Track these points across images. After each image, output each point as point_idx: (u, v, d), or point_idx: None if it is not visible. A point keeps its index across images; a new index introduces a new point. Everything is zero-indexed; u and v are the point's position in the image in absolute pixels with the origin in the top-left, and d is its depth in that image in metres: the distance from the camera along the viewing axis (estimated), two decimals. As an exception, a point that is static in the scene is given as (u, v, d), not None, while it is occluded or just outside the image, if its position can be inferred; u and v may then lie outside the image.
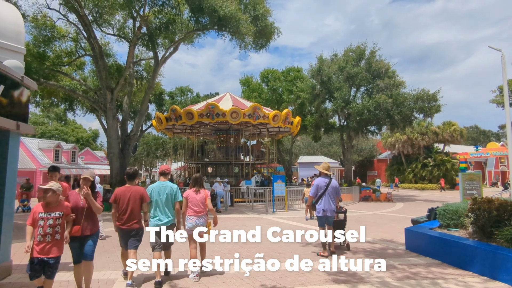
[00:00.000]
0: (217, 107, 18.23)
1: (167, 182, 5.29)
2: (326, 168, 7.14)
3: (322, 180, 6.87)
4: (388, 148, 45.58)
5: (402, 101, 20.94)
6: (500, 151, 41.30)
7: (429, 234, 6.03)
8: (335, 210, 6.79)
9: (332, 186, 6.76)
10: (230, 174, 21.00)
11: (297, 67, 28.50)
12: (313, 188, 6.85)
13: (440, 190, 35.50)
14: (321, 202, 6.65)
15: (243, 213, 14.27)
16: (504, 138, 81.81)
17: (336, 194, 6.88)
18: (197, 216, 5.24)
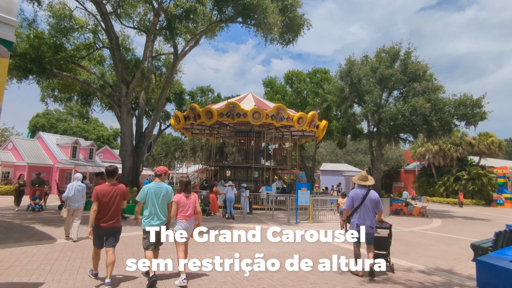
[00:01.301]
0: (238, 107, 17.00)
1: (163, 184, 5.28)
2: (363, 178, 6.23)
3: (358, 192, 6.03)
4: (417, 158, 42.84)
5: (441, 106, 18.93)
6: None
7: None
8: (373, 226, 5.83)
9: (370, 199, 5.90)
10: (250, 178, 19.67)
11: (324, 68, 26.93)
12: (348, 200, 6.07)
13: (459, 205, 32.66)
14: (356, 216, 5.88)
15: (263, 222, 12.84)
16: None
17: (376, 208, 5.97)
18: (187, 220, 5.26)
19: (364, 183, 6.26)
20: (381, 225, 6.32)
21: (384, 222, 6.44)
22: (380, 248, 6.34)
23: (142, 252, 5.25)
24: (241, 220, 13.11)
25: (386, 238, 6.42)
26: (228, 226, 11.16)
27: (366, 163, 46.56)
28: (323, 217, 14.90)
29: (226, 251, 7.27)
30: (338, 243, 8.73)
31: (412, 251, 8.15)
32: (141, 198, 5.12)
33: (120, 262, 5.85)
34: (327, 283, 5.01)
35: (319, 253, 7.30)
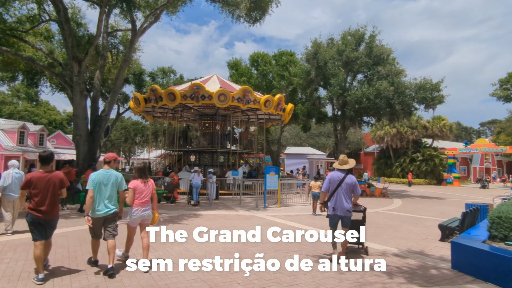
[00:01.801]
0: (202, 88, 16.17)
1: (111, 171, 5.05)
2: (341, 162, 6.06)
3: (336, 174, 5.89)
4: (376, 141, 44.58)
5: (403, 90, 19.43)
6: (489, 147, 41.09)
7: (498, 254, 4.37)
8: (349, 210, 5.71)
9: (346, 182, 5.76)
10: (215, 163, 19.09)
11: (290, 51, 26.56)
12: (325, 183, 5.97)
13: (408, 185, 34.75)
14: (333, 200, 5.74)
15: (231, 208, 12.43)
16: (483, 135, 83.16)
17: (353, 192, 5.84)
18: (143, 207, 5.09)
19: (342, 167, 6.09)
20: (356, 208, 6.25)
21: (358, 205, 6.34)
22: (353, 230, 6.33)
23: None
24: (207, 207, 12.60)
25: (360, 221, 6.34)
26: (194, 214, 10.62)
27: (328, 146, 47.68)
28: (290, 201, 14.84)
29: (196, 245, 6.75)
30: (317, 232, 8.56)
31: (382, 233, 8.19)
32: (92, 185, 4.79)
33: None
34: (305, 274, 4.71)
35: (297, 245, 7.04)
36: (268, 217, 10.30)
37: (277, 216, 10.69)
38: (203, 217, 10.07)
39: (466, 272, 4.81)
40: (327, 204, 5.91)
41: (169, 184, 13.68)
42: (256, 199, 13.33)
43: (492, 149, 41.11)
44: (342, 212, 5.66)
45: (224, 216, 10.26)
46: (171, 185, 13.75)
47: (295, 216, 10.86)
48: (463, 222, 7.06)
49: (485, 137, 75.71)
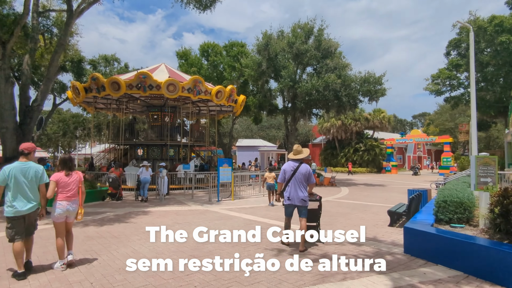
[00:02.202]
0: (150, 78, 15.22)
1: (30, 163, 4.61)
2: (295, 152, 6.15)
3: (289, 165, 5.97)
4: (323, 133, 46.44)
5: (349, 82, 20.25)
6: (422, 137, 44.92)
7: (447, 237, 4.60)
8: (305, 199, 5.76)
9: (300, 172, 5.81)
10: (165, 157, 18.22)
11: (241, 42, 26.20)
12: (280, 174, 6.00)
13: (348, 173, 37.00)
14: (288, 190, 5.82)
15: (183, 203, 11.90)
16: (415, 126, 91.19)
17: (308, 181, 5.90)
18: (69, 201, 4.75)
19: (295, 157, 6.12)
20: (311, 197, 6.28)
21: (314, 195, 6.38)
22: (310, 220, 6.38)
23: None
24: (157, 203, 11.92)
25: (316, 210, 6.38)
26: (143, 211, 9.94)
27: (279, 138, 48.53)
28: (243, 193, 14.71)
29: (146, 245, 6.25)
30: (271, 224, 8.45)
31: (335, 221, 8.37)
32: (1, 181, 4.32)
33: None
34: (266, 271, 4.53)
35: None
36: (222, 211, 10.01)
37: (231, 209, 10.44)
38: (153, 214, 9.46)
39: (418, 256, 5.02)
40: (283, 194, 5.95)
41: (114, 180, 12.69)
42: (209, 192, 12.95)
43: (424, 139, 45.01)
44: (297, 201, 5.70)
45: (175, 212, 9.74)
46: (117, 181, 12.78)
47: (250, 208, 10.72)
48: (409, 207, 7.47)
49: (417, 128, 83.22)
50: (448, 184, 9.59)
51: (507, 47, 21.51)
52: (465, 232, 5.09)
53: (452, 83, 27.22)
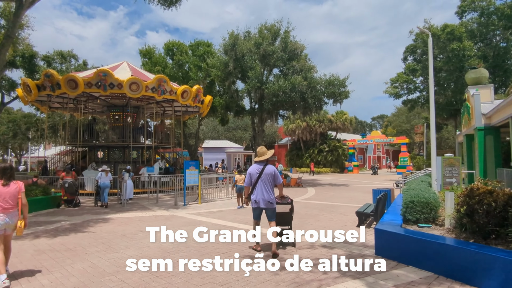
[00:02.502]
0: (111, 76, 14.42)
1: None
2: (259, 154, 5.99)
3: (255, 167, 5.81)
4: (289, 134, 47.08)
5: (315, 85, 20.60)
6: (381, 138, 47.05)
7: (416, 238, 4.67)
8: (271, 201, 5.63)
9: (266, 173, 5.68)
10: (127, 159, 17.37)
11: (207, 41, 25.73)
12: (246, 177, 5.89)
13: (310, 174, 37.96)
14: (254, 192, 5.66)
15: (147, 208, 11.33)
16: (374, 128, 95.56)
17: (275, 182, 5.78)
18: (5, 214, 4.36)
19: (259, 159, 5.92)
20: (283, 200, 6.17)
21: (285, 198, 6.25)
22: (283, 223, 6.32)
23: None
24: (119, 209, 11.25)
25: (288, 213, 6.28)
26: (103, 219, 9.29)
27: (245, 139, 48.46)
28: (211, 196, 14.36)
29: (106, 258, 5.78)
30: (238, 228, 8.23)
31: (305, 223, 8.34)
32: None
33: None
34: (238, 281, 4.33)
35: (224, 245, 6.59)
36: (189, 216, 9.63)
37: (199, 213, 10.09)
38: (114, 221, 8.86)
39: (389, 257, 5.06)
40: (250, 198, 5.79)
41: (70, 185, 11.80)
42: (175, 196, 12.48)
43: (383, 140, 47.19)
44: (264, 204, 5.56)
45: (139, 219, 9.21)
46: (73, 186, 11.89)
47: (218, 212, 10.43)
48: (377, 208, 7.61)
49: (376, 130, 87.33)
50: (409, 184, 9.97)
51: (458, 54, 23.04)
52: (432, 232, 5.22)
53: (409, 86, 28.67)
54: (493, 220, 4.24)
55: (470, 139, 14.32)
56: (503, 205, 4.16)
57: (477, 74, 13.62)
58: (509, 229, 4.09)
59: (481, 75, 13.56)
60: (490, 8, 24.73)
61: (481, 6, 25.17)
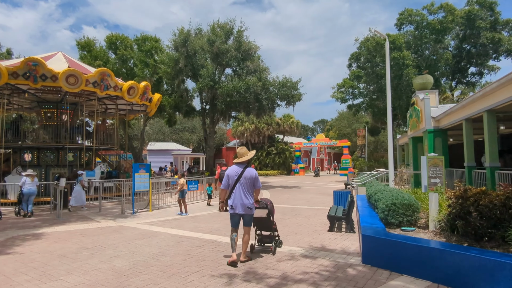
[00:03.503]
0: (43, 66, 12.47)
1: None
2: (239, 155, 5.55)
3: (234, 169, 5.42)
4: (237, 136, 46.65)
5: (269, 86, 20.36)
6: (325, 141, 48.94)
7: (410, 244, 4.34)
8: (250, 207, 5.23)
9: (245, 176, 5.28)
10: (62, 162, 15.27)
11: (155, 36, 24.08)
12: (224, 179, 5.41)
13: None
14: (232, 197, 5.28)
15: (89, 219, 9.81)
16: (316, 132, 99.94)
17: (254, 186, 5.39)
18: None
19: (239, 160, 5.49)
20: (259, 205, 5.68)
21: (260, 202, 5.74)
22: (264, 229, 6.00)
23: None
24: (54, 221, 9.56)
25: (265, 218, 5.83)
26: (33, 234, 7.68)
27: (193, 142, 46.81)
28: (161, 202, 13.10)
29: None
30: (203, 237, 7.37)
31: (273, 230, 7.76)
32: None
33: None
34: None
35: (184, 255, 5.73)
36: (142, 226, 8.46)
37: (152, 223, 8.96)
38: (48, 237, 7.34)
39: (379, 266, 4.70)
40: (227, 202, 5.37)
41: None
42: (122, 203, 11.06)
43: (327, 143, 49.10)
44: (242, 209, 5.17)
45: (81, 232, 7.79)
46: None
47: (174, 220, 9.39)
48: (348, 210, 7.35)
49: (318, 133, 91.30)
50: (369, 185, 10.00)
51: (398, 62, 24.66)
52: (418, 235, 5.00)
53: (354, 92, 30.05)
54: (488, 222, 4.09)
55: (417, 141, 15.17)
56: (501, 205, 4.02)
57: (424, 80, 14.49)
58: (510, 231, 3.94)
59: (427, 81, 14.45)
60: (423, 22, 26.96)
61: (416, 20, 27.33)
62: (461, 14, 26.22)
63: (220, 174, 12.64)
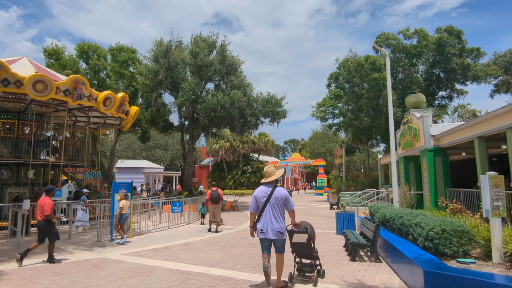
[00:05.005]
0: (5, 69, 10.86)
1: None
2: (266, 175, 5.01)
3: (262, 190, 4.87)
4: (211, 154, 45.29)
5: (253, 102, 19.62)
6: (301, 160, 48.79)
7: (496, 283, 3.52)
8: (282, 231, 4.65)
9: (275, 197, 4.73)
10: (22, 180, 13.30)
11: (132, 47, 22.70)
12: (251, 201, 4.93)
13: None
14: (261, 220, 4.74)
15: (58, 249, 8.14)
16: (286, 151, 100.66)
17: (286, 207, 4.80)
18: None
19: (267, 180, 4.94)
20: (298, 228, 5.05)
21: (299, 225, 5.09)
22: (302, 255, 5.33)
23: None
24: (12, 253, 7.83)
25: (306, 244, 5.11)
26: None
27: (165, 160, 44.65)
28: (139, 225, 11.49)
29: None
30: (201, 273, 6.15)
31: (290, 257, 6.71)
32: None
33: None
34: None
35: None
36: (128, 258, 7.02)
37: (139, 253, 7.54)
38: (10, 278, 5.67)
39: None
40: (256, 227, 4.81)
41: None
42: (98, 229, 9.46)
43: (303, 162, 48.94)
44: (272, 234, 4.61)
45: (52, 269, 6.22)
46: None
47: (165, 249, 8.01)
48: (374, 237, 6.49)
49: (288, 153, 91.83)
50: (379, 207, 9.28)
51: (378, 83, 25.06)
52: (483, 269, 4.22)
53: (333, 111, 30.15)
54: None
55: (409, 160, 14.92)
56: None
57: (417, 98, 14.42)
58: None
59: (420, 99, 14.39)
60: (399, 46, 27.88)
61: (393, 43, 28.22)
62: (433, 40, 27.41)
63: (211, 195, 11.46)
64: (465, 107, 31.11)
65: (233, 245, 8.49)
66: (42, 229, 6.87)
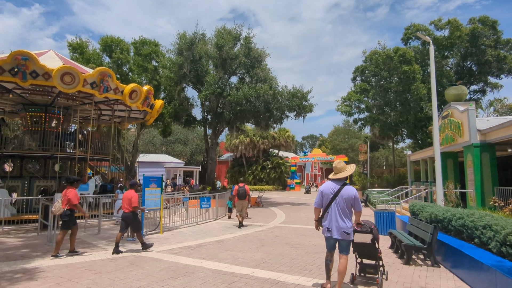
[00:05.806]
0: (34, 61, 10.74)
1: None
2: (336, 170, 4.73)
3: (329, 186, 4.64)
4: (231, 150, 44.98)
5: (279, 95, 19.02)
6: (322, 156, 47.88)
7: None
8: (347, 231, 4.41)
9: (343, 196, 4.48)
10: (50, 174, 13.27)
11: (155, 40, 22.51)
12: (317, 196, 4.74)
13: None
14: (327, 218, 4.59)
15: (90, 245, 7.90)
16: (304, 147, 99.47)
17: (353, 207, 4.56)
18: None
19: (336, 176, 4.64)
20: (362, 228, 4.74)
21: (363, 225, 4.72)
22: (365, 256, 4.99)
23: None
24: (45, 247, 7.61)
25: (370, 244, 4.73)
26: (24, 270, 5.78)
27: (185, 154, 44.73)
28: (168, 221, 11.17)
29: None
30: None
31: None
32: None
33: None
34: None
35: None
36: (165, 256, 6.64)
37: (174, 251, 7.17)
38: (46, 275, 5.35)
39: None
40: (321, 222, 4.69)
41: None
42: (127, 225, 9.18)
43: (324, 158, 47.98)
44: (338, 233, 4.42)
45: (88, 266, 5.88)
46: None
47: (199, 247, 7.62)
48: (432, 240, 5.86)
49: (305, 149, 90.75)
50: (425, 207, 8.58)
51: (408, 76, 23.92)
52: None
53: (359, 106, 29.12)
54: None
55: (447, 156, 14.02)
56: None
57: (459, 90, 13.47)
58: None
59: (462, 91, 13.43)
60: (431, 37, 26.51)
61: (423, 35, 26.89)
62: (466, 31, 25.91)
63: (238, 191, 11.07)
64: (502, 101, 29.42)
65: (270, 244, 8.01)
66: (128, 220, 7.23)
